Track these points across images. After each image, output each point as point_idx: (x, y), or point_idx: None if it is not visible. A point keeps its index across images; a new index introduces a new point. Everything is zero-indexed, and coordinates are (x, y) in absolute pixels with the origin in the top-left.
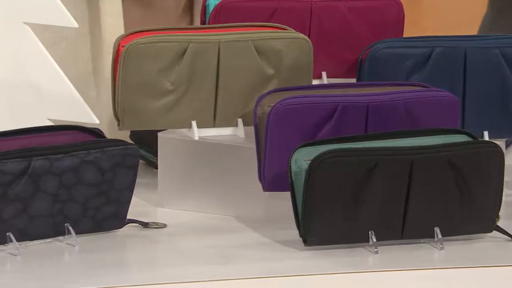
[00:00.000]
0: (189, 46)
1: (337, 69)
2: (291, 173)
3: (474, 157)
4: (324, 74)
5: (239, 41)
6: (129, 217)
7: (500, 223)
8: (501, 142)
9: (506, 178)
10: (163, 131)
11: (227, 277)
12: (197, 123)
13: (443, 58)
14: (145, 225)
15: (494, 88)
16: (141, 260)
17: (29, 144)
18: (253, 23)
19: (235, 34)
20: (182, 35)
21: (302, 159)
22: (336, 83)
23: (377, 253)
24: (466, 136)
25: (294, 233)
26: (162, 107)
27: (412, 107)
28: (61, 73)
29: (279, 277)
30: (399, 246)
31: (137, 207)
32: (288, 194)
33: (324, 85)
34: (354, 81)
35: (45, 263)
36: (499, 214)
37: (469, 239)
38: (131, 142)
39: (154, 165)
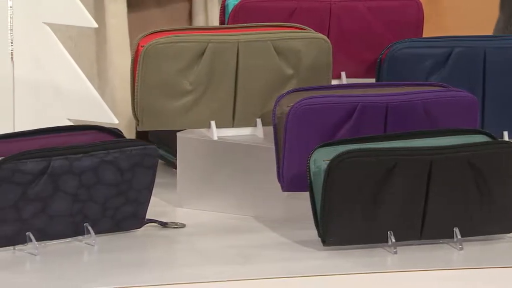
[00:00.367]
0: (208, 46)
1: (356, 69)
2: (310, 173)
3: (493, 157)
4: (343, 74)
5: (258, 41)
6: (148, 217)
7: None
8: None
9: None
10: (182, 131)
11: (246, 277)
12: (216, 123)
13: (462, 58)
14: (164, 225)
15: None
16: (160, 260)
17: (49, 144)
18: (272, 23)
19: (254, 34)
20: (201, 35)
21: (321, 159)
22: (355, 83)
23: (396, 253)
24: (485, 136)
25: (313, 233)
26: (181, 107)
27: (431, 107)
28: (81, 73)
29: (298, 277)
30: (418, 246)
31: (156, 207)
32: (306, 194)
33: (343, 85)
34: (373, 81)
35: (64, 263)
36: None
37: (489, 239)
38: (148, 141)
39: (173, 165)
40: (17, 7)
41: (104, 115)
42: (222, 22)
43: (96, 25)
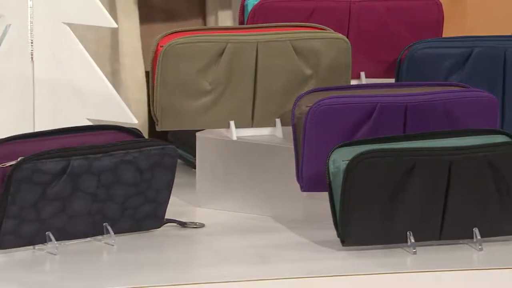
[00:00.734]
0: (227, 46)
1: (376, 69)
2: (329, 173)
3: None
4: (362, 74)
5: (277, 41)
6: (167, 216)
7: None
8: None
9: None
10: (202, 131)
11: (264, 277)
12: (235, 123)
13: (482, 58)
14: (183, 224)
15: None
16: (178, 259)
17: (68, 144)
18: (292, 23)
19: (273, 34)
20: (220, 35)
21: (340, 159)
22: (374, 83)
23: (415, 253)
24: (505, 136)
25: (332, 233)
26: (200, 107)
27: (451, 107)
28: (101, 74)
29: (316, 278)
30: (437, 246)
31: (175, 207)
32: (326, 194)
33: (362, 85)
34: (392, 81)
35: (83, 263)
36: None
37: (508, 239)
38: (167, 141)
39: (192, 165)
40: (37, 7)
41: (123, 115)
42: (241, 22)
43: (115, 25)
